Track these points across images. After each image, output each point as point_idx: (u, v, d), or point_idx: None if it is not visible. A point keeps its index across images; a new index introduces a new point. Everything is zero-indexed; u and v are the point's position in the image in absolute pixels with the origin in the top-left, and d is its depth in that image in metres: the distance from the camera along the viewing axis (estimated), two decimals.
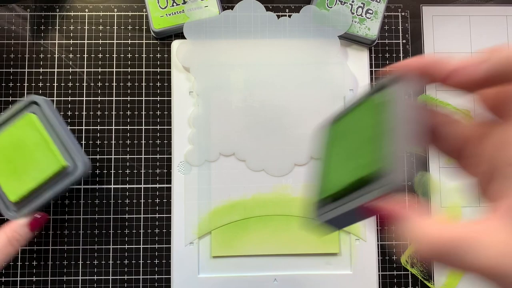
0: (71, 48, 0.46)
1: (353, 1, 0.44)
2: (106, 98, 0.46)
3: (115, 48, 0.46)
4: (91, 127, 0.45)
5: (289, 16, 0.46)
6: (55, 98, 0.45)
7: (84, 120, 0.45)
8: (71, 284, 0.44)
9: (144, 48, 0.46)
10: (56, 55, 0.46)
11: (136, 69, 0.46)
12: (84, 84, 0.46)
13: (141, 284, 0.44)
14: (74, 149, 0.39)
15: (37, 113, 0.39)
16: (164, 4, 0.45)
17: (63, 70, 0.46)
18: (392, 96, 0.22)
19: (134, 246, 0.44)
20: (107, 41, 0.46)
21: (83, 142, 0.45)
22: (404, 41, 0.47)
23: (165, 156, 0.45)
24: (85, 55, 0.46)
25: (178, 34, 0.46)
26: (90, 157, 0.45)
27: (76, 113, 0.45)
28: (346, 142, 0.25)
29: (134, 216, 0.45)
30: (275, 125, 0.44)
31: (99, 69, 0.46)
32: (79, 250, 0.44)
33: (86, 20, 0.46)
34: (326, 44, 0.45)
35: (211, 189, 0.44)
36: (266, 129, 0.44)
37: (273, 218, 0.44)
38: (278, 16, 0.46)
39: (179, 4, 0.45)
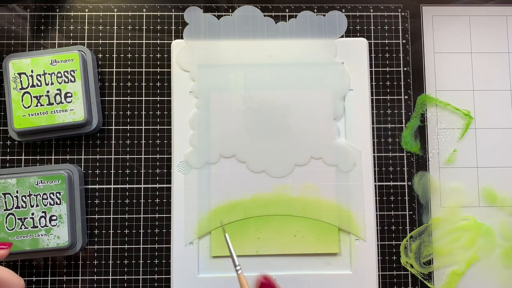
0: None
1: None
2: (106, 98, 0.46)
3: (115, 48, 0.46)
4: None
5: (287, 20, 0.46)
6: None
7: None
8: (71, 284, 0.44)
9: (144, 48, 0.46)
10: None
11: (136, 69, 0.46)
12: None
13: (141, 284, 0.44)
14: (95, 106, 0.44)
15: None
16: (28, 103, 0.42)
17: None
18: None
19: (134, 246, 0.44)
20: (107, 41, 0.46)
21: (83, 142, 0.45)
22: (404, 41, 0.47)
23: (165, 156, 0.45)
24: None
25: (178, 37, 0.46)
26: (90, 157, 0.45)
27: None
28: None
29: (134, 216, 0.45)
30: (275, 126, 0.44)
31: (99, 69, 0.46)
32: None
33: (86, 20, 0.46)
34: (325, 45, 0.45)
35: (211, 189, 0.44)
36: (266, 130, 0.44)
37: (273, 218, 0.44)
38: (277, 19, 0.46)
39: (43, 105, 0.43)
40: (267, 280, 0.34)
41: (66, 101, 0.43)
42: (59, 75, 0.43)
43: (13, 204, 0.42)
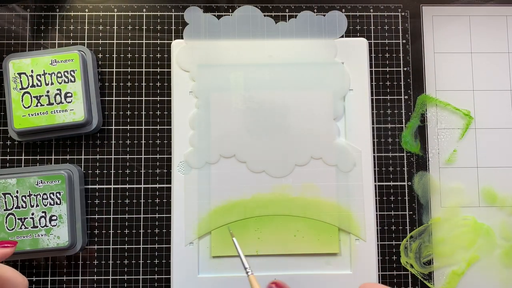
0: None
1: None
2: (106, 98, 0.46)
3: (115, 48, 0.46)
4: None
5: (287, 20, 0.47)
6: None
7: None
8: (71, 284, 0.44)
9: (144, 48, 0.46)
10: None
11: (136, 69, 0.46)
12: None
13: (141, 284, 0.44)
14: (95, 106, 0.44)
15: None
16: (28, 103, 0.42)
17: None
18: None
19: (134, 246, 0.44)
20: (107, 41, 0.46)
21: (83, 142, 0.45)
22: (404, 41, 0.47)
23: (165, 156, 0.45)
24: None
25: (178, 37, 0.46)
26: (90, 157, 0.45)
27: None
28: None
29: (134, 216, 0.45)
30: (275, 126, 0.44)
31: (99, 69, 0.46)
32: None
33: (86, 20, 0.46)
34: (325, 45, 0.45)
35: (211, 189, 0.44)
36: (266, 130, 0.44)
37: (273, 218, 0.44)
38: (277, 19, 0.46)
39: (43, 105, 0.42)
40: (278, 284, 0.34)
41: (66, 101, 0.43)
42: (59, 75, 0.43)
43: (13, 204, 0.42)
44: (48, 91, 0.43)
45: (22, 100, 0.42)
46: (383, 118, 0.46)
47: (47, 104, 0.42)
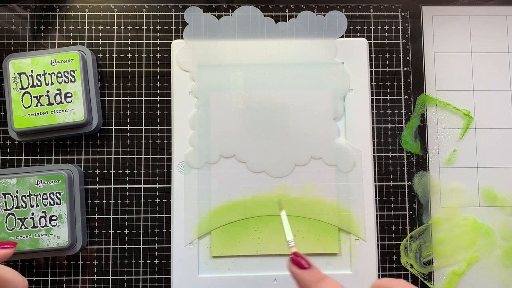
0: None
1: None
2: (106, 98, 0.46)
3: (115, 48, 0.46)
4: None
5: (287, 20, 0.47)
6: None
7: None
8: (71, 284, 0.44)
9: (144, 48, 0.46)
10: None
11: (136, 69, 0.46)
12: None
13: (141, 284, 0.44)
14: (95, 106, 0.43)
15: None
16: (28, 103, 0.42)
17: None
18: None
19: (134, 246, 0.44)
20: (107, 41, 0.46)
21: (83, 142, 0.45)
22: (404, 41, 0.47)
23: (165, 156, 0.45)
24: None
25: (178, 37, 0.46)
26: (90, 157, 0.45)
27: None
28: None
29: (134, 216, 0.45)
30: (275, 126, 0.44)
31: (99, 69, 0.46)
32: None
33: (86, 20, 0.46)
34: (325, 45, 0.46)
35: (211, 189, 0.44)
36: (266, 130, 0.44)
37: (273, 218, 0.44)
38: (277, 19, 0.46)
39: (43, 105, 0.42)
40: (297, 255, 0.34)
41: (66, 101, 0.43)
42: (59, 75, 0.43)
43: (13, 204, 0.42)
44: (48, 91, 0.43)
45: (22, 100, 0.42)
46: (383, 118, 0.46)
47: (47, 104, 0.42)
